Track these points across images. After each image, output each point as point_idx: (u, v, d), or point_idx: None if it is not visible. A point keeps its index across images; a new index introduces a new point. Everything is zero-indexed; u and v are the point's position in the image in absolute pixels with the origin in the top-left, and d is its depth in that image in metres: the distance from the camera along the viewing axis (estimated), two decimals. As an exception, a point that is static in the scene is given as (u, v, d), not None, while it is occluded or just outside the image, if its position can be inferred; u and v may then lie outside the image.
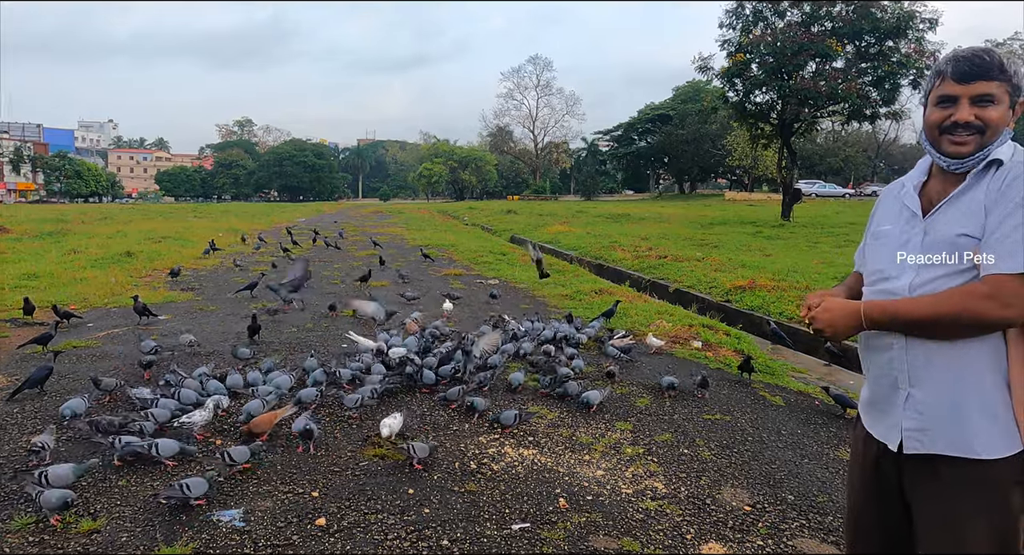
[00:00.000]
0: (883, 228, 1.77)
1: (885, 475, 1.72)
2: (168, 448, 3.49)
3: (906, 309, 1.60)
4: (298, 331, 6.72)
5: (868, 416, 1.79)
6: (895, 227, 1.73)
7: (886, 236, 1.75)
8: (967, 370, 1.56)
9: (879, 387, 1.72)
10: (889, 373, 1.68)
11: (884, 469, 1.72)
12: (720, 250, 15.49)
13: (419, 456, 3.55)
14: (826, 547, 2.99)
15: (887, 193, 1.84)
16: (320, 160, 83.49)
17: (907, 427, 1.64)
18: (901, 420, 1.65)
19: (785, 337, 7.69)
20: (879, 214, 1.82)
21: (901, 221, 1.71)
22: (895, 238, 1.71)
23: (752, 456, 4.01)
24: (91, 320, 7.22)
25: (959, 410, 1.56)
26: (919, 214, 1.68)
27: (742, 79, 24.75)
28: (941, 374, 1.59)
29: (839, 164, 66.02)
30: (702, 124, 58.19)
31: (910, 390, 1.63)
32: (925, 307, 1.57)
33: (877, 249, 1.76)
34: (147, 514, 3.01)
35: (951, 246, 1.58)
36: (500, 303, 8.56)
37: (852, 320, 1.66)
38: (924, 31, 22.85)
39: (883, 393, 1.71)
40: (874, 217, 1.84)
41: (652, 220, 27.67)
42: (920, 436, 1.61)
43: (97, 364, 5.46)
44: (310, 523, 2.99)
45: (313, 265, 12.09)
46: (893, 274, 1.67)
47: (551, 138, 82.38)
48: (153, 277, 10.59)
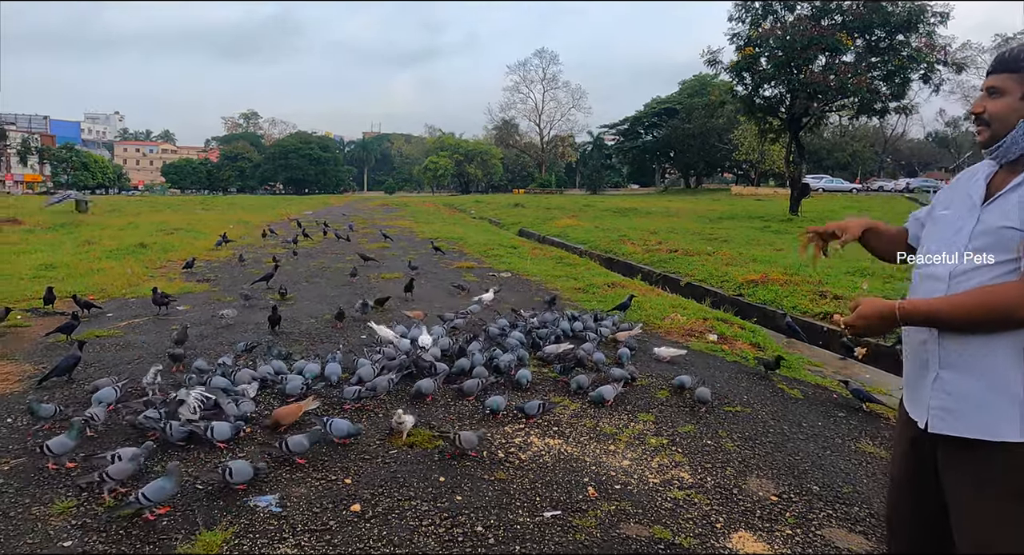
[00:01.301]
0: (942, 213, 1.81)
1: (921, 456, 1.78)
2: (222, 432, 3.57)
3: (943, 313, 1.65)
4: (316, 322, 6.77)
5: (905, 394, 1.87)
6: (953, 212, 1.77)
7: (943, 221, 1.79)
8: (997, 357, 1.60)
9: (912, 366, 1.80)
10: (922, 354, 1.74)
11: (921, 449, 1.78)
12: (730, 244, 15.47)
13: (465, 447, 3.58)
14: (854, 537, 3.02)
15: (958, 179, 1.89)
16: (325, 153, 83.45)
17: (933, 406, 1.70)
18: (929, 399, 1.72)
19: (799, 331, 7.73)
20: (942, 198, 1.85)
21: (963, 208, 1.75)
22: (950, 224, 1.76)
23: (775, 447, 4.04)
24: (110, 310, 7.28)
25: (986, 394, 1.61)
26: (979, 203, 1.71)
27: (751, 73, 24.62)
28: (971, 360, 1.64)
29: (846, 159, 65.75)
30: (709, 118, 57.97)
31: (939, 371, 1.70)
32: (960, 311, 1.61)
33: (932, 233, 1.82)
34: (185, 498, 3.06)
35: (996, 237, 1.63)
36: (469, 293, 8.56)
37: (889, 323, 1.72)
38: (935, 25, 22.73)
39: (915, 372, 1.78)
40: (938, 200, 1.87)
41: (660, 214, 27.64)
42: (944, 416, 1.68)
43: (121, 353, 5.53)
44: (345, 509, 3.04)
45: (325, 258, 12.17)
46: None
47: (557, 132, 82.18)
48: (168, 268, 10.67)
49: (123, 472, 3.09)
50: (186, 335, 5.60)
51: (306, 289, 8.81)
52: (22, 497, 3.07)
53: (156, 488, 2.87)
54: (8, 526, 2.82)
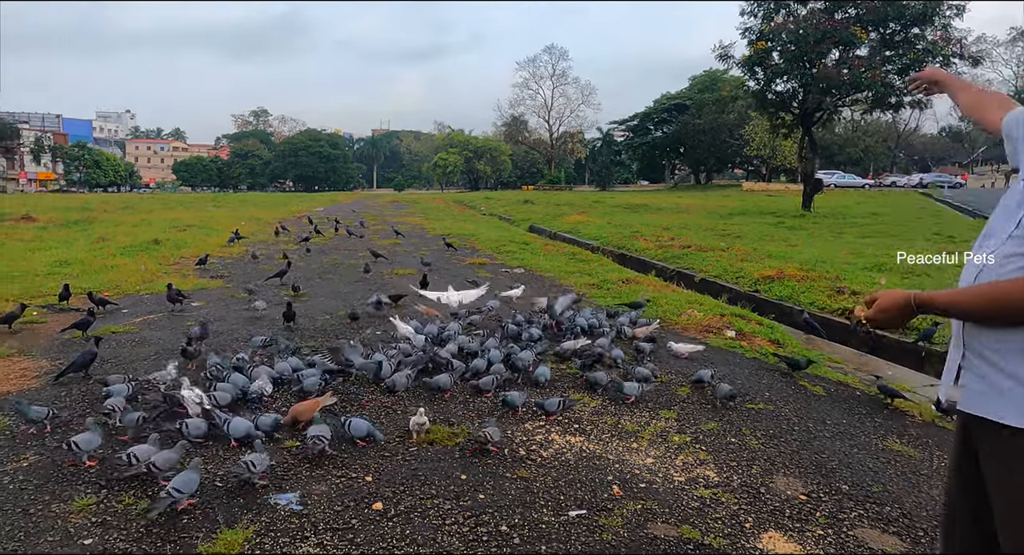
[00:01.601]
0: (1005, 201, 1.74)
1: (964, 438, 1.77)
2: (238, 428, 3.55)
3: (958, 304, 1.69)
4: (331, 318, 6.73)
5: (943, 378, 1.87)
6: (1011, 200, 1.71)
7: (1000, 208, 1.76)
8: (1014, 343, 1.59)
9: (952, 345, 1.81)
10: (957, 333, 1.77)
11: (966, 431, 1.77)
12: (743, 240, 15.34)
13: (494, 440, 3.58)
14: (888, 538, 2.95)
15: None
16: (335, 150, 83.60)
17: (963, 385, 1.73)
18: (960, 379, 1.74)
19: (818, 327, 7.64)
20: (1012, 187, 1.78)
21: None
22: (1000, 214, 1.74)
23: (801, 445, 3.96)
24: (125, 307, 7.28)
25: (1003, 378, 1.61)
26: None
27: (763, 68, 24.42)
28: (990, 343, 1.64)
29: (859, 154, 65.22)
30: (719, 114, 57.62)
31: (965, 351, 1.72)
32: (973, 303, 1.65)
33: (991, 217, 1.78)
34: (205, 496, 3.02)
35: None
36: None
37: (907, 314, 1.76)
38: (951, 18, 22.48)
39: (951, 351, 1.80)
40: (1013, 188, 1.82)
41: (671, 210, 27.50)
42: (974, 396, 1.69)
43: (137, 350, 5.52)
44: (367, 507, 2.99)
45: (338, 254, 12.16)
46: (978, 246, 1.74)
47: (566, 128, 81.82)
48: (181, 265, 10.68)
49: (169, 461, 3.09)
50: (207, 331, 5.57)
51: (319, 285, 8.78)
52: (41, 494, 3.04)
53: (185, 480, 2.88)
54: (28, 523, 2.80)
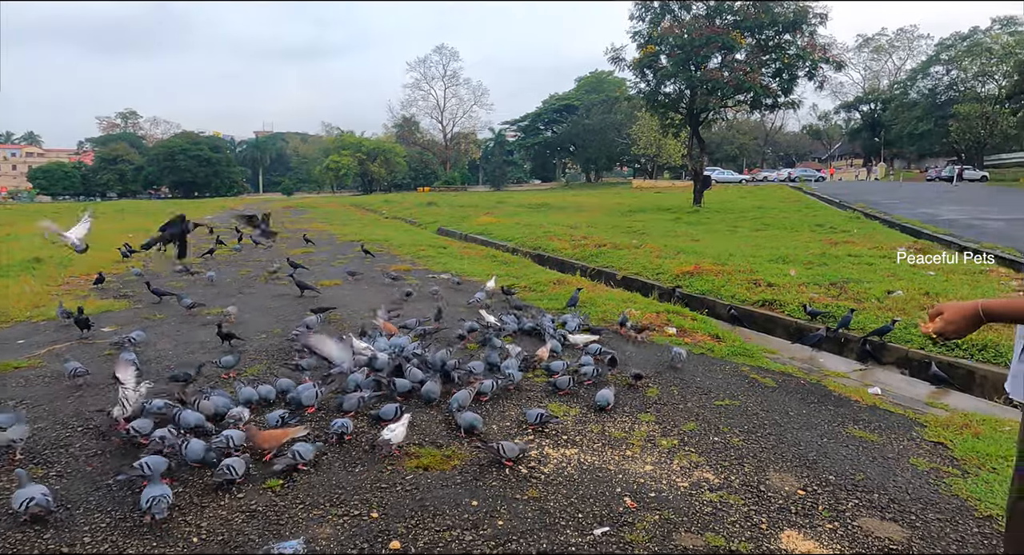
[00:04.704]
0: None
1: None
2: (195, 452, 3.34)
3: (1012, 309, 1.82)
4: (268, 337, 6.29)
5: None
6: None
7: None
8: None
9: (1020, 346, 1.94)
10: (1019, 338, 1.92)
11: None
12: (649, 237, 15.91)
13: (508, 455, 3.51)
14: (889, 525, 3.11)
15: None
16: (216, 153, 78.58)
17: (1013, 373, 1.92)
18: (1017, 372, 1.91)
19: (741, 320, 8.10)
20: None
21: None
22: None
23: (777, 439, 4.12)
24: (20, 336, 6.46)
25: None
26: None
27: (653, 70, 25.52)
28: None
29: (734, 151, 69.66)
30: (607, 114, 59.70)
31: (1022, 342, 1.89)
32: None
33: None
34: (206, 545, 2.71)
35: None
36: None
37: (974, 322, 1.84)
38: (816, 25, 24.46)
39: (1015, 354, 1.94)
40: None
41: (572, 209, 28.08)
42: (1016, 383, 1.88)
43: (51, 387, 4.89)
44: (383, 547, 2.80)
45: (250, 266, 11.43)
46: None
47: (460, 128, 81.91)
48: (73, 285, 9.61)
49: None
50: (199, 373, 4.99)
51: (243, 301, 8.19)
52: None
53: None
54: None
